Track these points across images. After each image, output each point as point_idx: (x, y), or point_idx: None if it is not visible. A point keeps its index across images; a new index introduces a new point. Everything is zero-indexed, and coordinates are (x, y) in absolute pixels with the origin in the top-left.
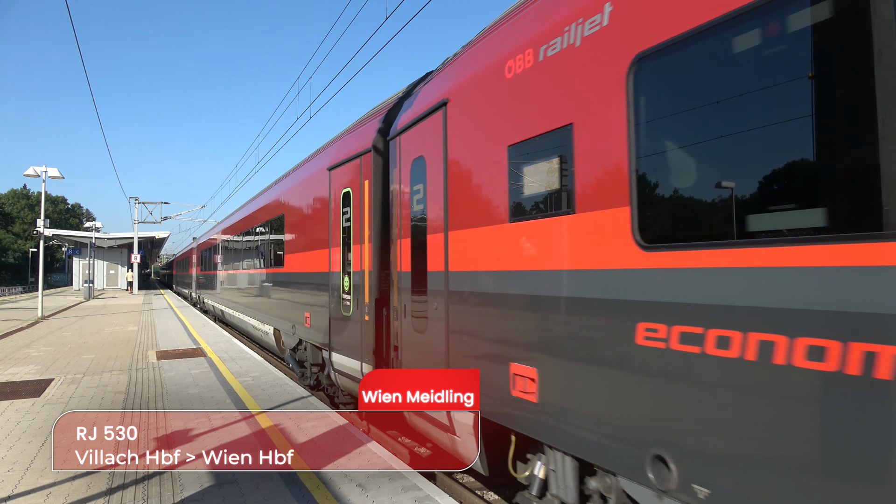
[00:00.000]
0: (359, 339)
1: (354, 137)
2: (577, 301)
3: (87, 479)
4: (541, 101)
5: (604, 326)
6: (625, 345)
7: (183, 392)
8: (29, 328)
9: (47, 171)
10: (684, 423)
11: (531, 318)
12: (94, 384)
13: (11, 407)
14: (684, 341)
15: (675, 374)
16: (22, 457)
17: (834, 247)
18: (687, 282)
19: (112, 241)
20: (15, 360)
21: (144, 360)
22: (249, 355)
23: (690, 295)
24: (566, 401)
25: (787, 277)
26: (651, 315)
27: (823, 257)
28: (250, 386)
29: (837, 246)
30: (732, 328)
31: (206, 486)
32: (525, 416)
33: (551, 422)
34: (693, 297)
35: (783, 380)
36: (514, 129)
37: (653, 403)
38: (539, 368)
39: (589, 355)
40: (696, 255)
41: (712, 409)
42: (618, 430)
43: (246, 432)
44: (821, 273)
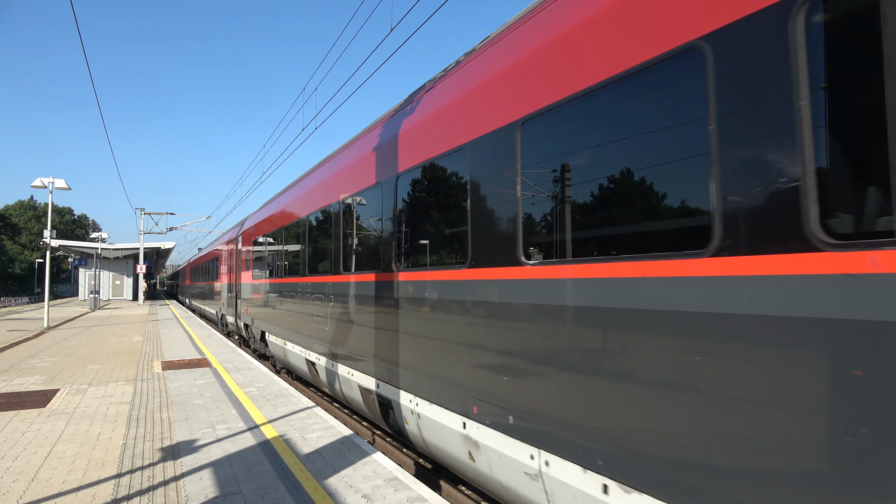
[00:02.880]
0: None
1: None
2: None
3: (93, 489)
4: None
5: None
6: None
7: (188, 402)
8: (35, 338)
9: (54, 182)
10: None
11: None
12: (99, 395)
13: (17, 417)
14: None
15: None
16: (27, 467)
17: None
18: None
19: (118, 251)
20: (21, 371)
21: (150, 370)
22: (254, 365)
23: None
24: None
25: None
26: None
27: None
28: (255, 396)
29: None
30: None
31: (210, 497)
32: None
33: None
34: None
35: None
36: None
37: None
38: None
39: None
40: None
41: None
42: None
43: (251, 443)
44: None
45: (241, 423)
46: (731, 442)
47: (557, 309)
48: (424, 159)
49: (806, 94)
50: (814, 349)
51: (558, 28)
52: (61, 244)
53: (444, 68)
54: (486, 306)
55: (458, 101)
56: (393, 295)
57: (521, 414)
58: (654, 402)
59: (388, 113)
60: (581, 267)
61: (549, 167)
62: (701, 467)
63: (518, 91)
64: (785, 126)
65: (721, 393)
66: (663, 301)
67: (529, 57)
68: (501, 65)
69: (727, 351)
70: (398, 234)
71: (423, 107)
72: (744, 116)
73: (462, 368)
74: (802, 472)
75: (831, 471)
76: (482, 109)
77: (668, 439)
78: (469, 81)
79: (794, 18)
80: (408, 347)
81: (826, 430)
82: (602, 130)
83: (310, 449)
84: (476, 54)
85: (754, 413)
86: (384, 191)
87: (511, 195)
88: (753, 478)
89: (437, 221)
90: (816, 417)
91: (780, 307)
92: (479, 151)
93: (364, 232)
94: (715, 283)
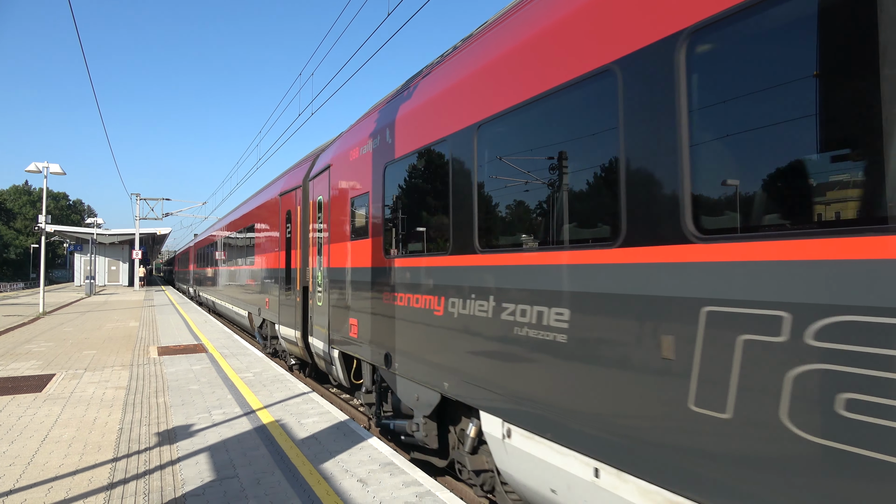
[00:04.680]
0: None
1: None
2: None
3: (89, 473)
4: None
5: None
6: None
7: (184, 388)
8: (30, 324)
9: (49, 167)
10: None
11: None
12: (95, 380)
13: (13, 402)
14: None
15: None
16: (23, 451)
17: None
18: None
19: (113, 237)
20: (16, 356)
21: (146, 356)
22: (251, 351)
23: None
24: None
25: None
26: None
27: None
28: (251, 381)
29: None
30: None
31: (206, 481)
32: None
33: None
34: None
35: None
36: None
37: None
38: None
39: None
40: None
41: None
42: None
43: (247, 428)
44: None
45: (238, 408)
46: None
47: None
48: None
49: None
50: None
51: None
52: (56, 229)
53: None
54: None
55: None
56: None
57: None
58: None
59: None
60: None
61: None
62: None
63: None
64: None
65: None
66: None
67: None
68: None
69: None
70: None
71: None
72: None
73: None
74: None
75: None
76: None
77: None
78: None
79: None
80: None
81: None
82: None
83: (306, 434)
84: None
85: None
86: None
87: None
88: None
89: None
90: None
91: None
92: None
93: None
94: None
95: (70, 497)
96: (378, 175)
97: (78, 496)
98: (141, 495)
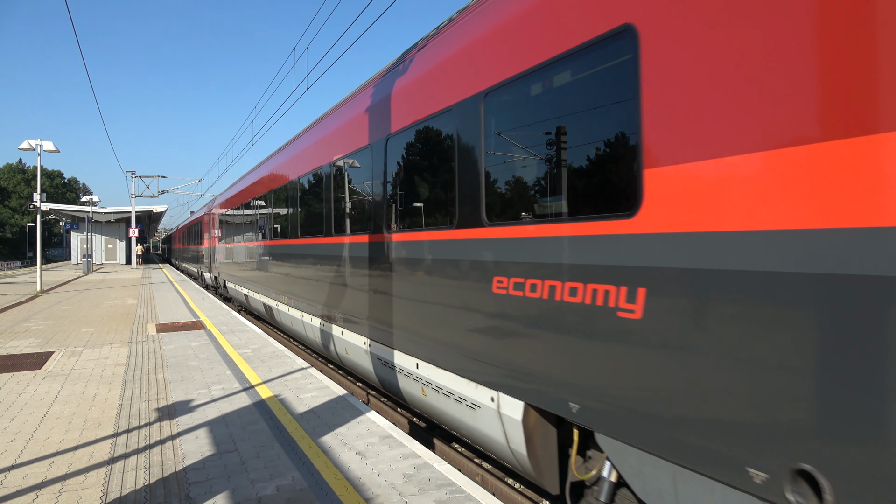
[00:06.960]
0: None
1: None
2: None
3: (90, 448)
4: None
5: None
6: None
7: (183, 364)
8: (28, 302)
9: (42, 144)
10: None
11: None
12: (94, 357)
13: (13, 379)
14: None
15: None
16: (24, 427)
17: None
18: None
19: (109, 215)
20: (15, 334)
21: (144, 333)
22: (249, 328)
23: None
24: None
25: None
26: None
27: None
28: (250, 357)
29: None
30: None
31: (206, 455)
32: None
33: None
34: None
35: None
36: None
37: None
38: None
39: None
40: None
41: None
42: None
43: (246, 403)
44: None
45: (237, 383)
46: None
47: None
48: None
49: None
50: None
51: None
52: (52, 208)
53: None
54: None
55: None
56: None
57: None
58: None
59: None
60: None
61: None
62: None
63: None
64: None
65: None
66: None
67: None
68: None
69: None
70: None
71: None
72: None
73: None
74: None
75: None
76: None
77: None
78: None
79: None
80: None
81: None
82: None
83: (305, 408)
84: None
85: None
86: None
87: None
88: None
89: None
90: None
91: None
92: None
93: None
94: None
95: (71, 472)
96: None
97: (79, 471)
98: (142, 469)
